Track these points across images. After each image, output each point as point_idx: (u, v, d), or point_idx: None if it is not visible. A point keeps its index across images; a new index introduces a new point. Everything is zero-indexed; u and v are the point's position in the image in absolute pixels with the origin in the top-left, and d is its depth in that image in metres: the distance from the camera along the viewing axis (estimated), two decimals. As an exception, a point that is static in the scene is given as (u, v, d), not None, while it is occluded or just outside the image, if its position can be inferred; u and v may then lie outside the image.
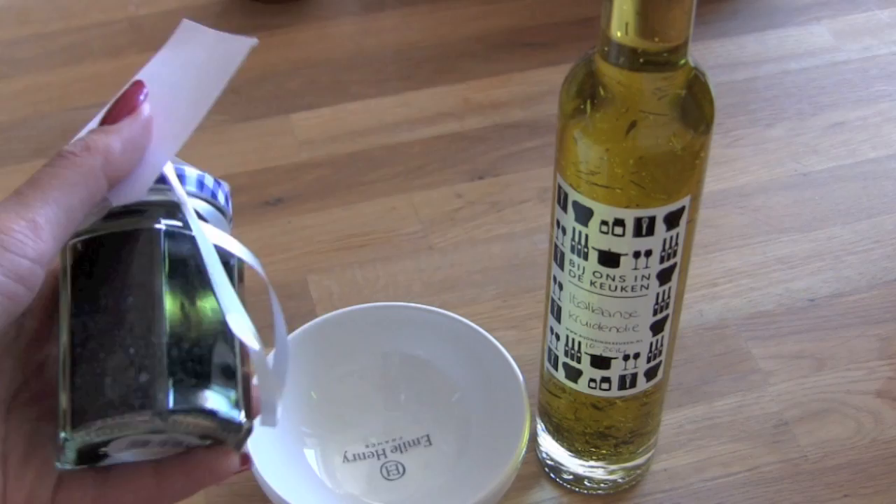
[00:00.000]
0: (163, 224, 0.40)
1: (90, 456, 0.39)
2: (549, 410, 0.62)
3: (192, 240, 0.40)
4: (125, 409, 0.37)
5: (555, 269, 0.54)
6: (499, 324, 0.72)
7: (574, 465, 0.63)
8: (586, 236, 0.51)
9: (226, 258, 0.41)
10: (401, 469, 0.63)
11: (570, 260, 0.53)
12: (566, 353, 0.56)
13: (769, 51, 0.93)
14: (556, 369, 0.58)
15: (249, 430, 0.40)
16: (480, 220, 0.79)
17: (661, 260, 0.51)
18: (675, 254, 0.52)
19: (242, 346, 0.40)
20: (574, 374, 0.57)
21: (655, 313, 0.54)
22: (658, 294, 0.53)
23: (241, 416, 0.39)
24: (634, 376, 0.56)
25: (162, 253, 0.39)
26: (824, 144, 0.85)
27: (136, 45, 0.94)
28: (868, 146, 0.85)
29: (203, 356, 0.39)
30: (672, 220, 0.50)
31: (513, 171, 0.83)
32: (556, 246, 0.53)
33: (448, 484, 0.62)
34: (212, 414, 0.38)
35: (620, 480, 0.63)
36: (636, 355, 0.55)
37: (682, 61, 0.47)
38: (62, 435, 0.37)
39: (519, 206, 0.80)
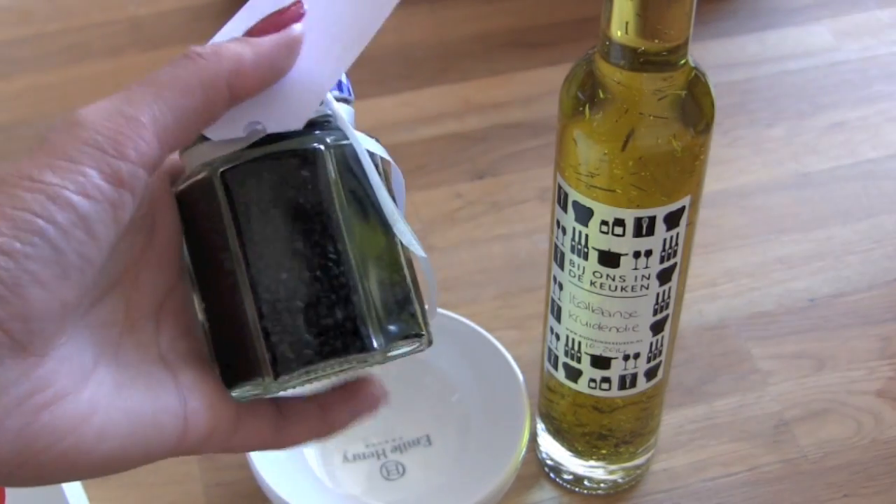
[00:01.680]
0: (326, 142, 0.37)
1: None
2: (550, 410, 0.62)
3: (349, 152, 0.38)
4: (328, 351, 0.35)
5: (555, 269, 0.54)
6: (499, 324, 0.72)
7: (574, 465, 0.63)
8: (586, 236, 0.51)
9: (374, 162, 0.39)
10: (401, 469, 0.63)
11: (571, 260, 0.53)
12: (566, 353, 0.56)
13: (769, 51, 0.93)
14: (556, 369, 0.58)
15: (430, 344, 0.39)
16: (480, 220, 0.79)
17: (661, 260, 0.51)
18: (675, 254, 0.52)
19: (408, 256, 0.39)
20: (574, 374, 0.57)
21: (655, 313, 0.54)
22: (658, 294, 0.53)
23: (427, 331, 0.38)
24: (634, 376, 0.56)
25: (332, 175, 0.37)
26: (824, 144, 0.85)
27: (136, 45, 0.94)
28: (868, 146, 0.85)
29: (387, 279, 0.37)
30: (672, 220, 0.50)
31: (513, 171, 0.83)
32: (556, 246, 0.53)
33: (448, 484, 0.62)
34: (409, 337, 0.37)
35: (620, 480, 0.63)
36: (636, 355, 0.55)
37: (682, 61, 0.47)
38: (263, 383, 0.35)
39: (519, 206, 0.80)
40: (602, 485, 0.63)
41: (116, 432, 0.34)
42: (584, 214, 0.50)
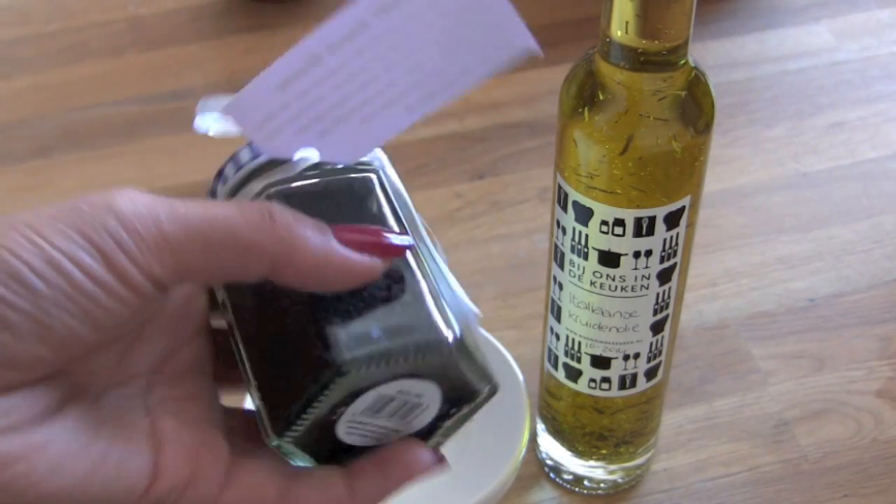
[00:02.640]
0: (375, 170, 0.37)
1: (318, 431, 0.35)
2: (550, 410, 0.62)
3: (389, 189, 0.38)
4: (409, 333, 0.33)
5: (555, 269, 0.54)
6: (499, 324, 0.71)
7: (574, 465, 0.63)
8: (586, 236, 0.51)
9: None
10: (401, 469, 0.63)
11: (570, 260, 0.53)
12: (566, 353, 0.56)
13: (769, 51, 0.93)
14: (556, 369, 0.58)
15: (493, 391, 0.38)
16: (480, 220, 0.79)
17: (661, 260, 0.51)
18: (675, 254, 0.52)
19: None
20: (574, 374, 0.57)
21: (655, 313, 0.54)
22: (658, 294, 0.53)
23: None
24: (634, 376, 0.56)
25: (383, 195, 0.37)
26: (824, 144, 0.85)
27: (136, 45, 0.94)
28: (868, 146, 0.85)
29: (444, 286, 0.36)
30: (672, 220, 0.50)
31: (513, 171, 0.83)
32: (556, 246, 0.53)
33: (448, 484, 0.62)
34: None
35: (620, 480, 0.63)
36: (636, 355, 0.55)
37: (682, 61, 0.47)
38: (337, 365, 0.32)
39: (519, 206, 0.80)
40: (602, 485, 0.63)
41: (73, 470, 0.32)
42: (584, 214, 0.50)
